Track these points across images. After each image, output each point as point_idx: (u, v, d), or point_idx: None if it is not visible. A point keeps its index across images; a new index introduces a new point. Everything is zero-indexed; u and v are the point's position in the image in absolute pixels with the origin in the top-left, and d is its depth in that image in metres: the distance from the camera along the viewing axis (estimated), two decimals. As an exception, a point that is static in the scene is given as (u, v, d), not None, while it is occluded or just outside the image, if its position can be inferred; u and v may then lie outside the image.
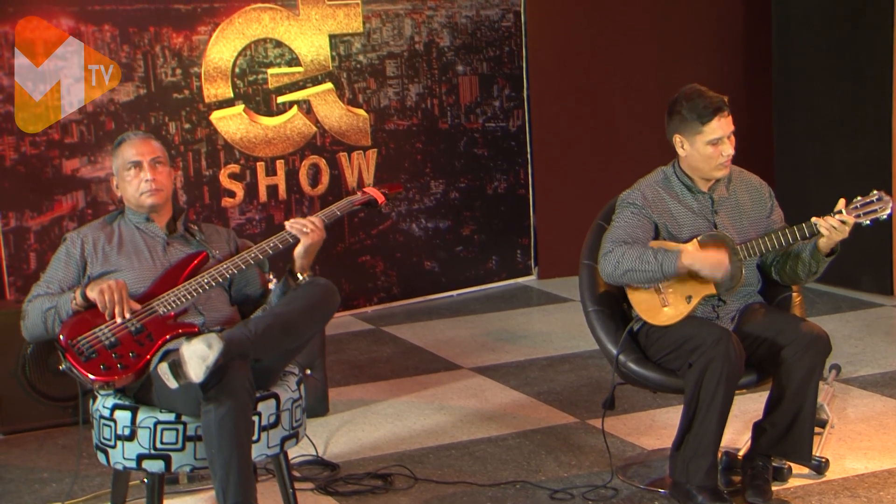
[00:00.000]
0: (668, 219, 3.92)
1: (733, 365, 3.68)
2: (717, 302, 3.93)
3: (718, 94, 3.88)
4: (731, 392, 3.72)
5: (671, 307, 3.86)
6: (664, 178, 3.99)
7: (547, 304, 7.01)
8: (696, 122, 3.84)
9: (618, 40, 7.55)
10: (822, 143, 6.88)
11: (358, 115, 6.80)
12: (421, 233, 7.09)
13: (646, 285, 3.86)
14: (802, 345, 3.74)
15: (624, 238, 3.87)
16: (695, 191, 3.96)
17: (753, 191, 4.03)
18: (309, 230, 3.70)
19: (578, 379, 5.39)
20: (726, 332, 3.75)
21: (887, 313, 6.37)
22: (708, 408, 3.70)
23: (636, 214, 3.91)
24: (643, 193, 3.94)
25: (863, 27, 6.62)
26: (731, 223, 3.93)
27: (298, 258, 3.73)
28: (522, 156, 7.40)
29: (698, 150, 3.87)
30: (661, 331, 3.89)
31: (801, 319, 3.91)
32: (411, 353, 6.03)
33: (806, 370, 3.75)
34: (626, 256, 3.82)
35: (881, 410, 4.77)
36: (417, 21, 6.93)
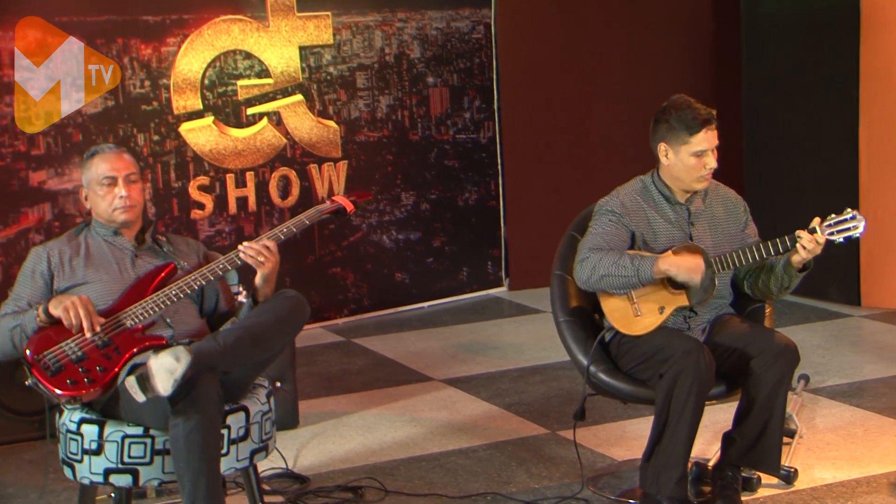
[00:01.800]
0: (646, 228, 3.93)
1: (703, 376, 3.69)
2: (688, 313, 3.94)
3: (707, 107, 3.90)
4: (702, 403, 3.73)
5: (644, 317, 3.87)
6: (643, 187, 4.00)
7: (518, 315, 7.01)
8: (684, 133, 3.86)
9: (588, 52, 7.58)
10: (790, 157, 6.92)
11: (328, 126, 6.79)
12: (392, 244, 7.09)
13: (621, 291, 3.86)
14: (771, 356, 3.76)
15: (601, 245, 3.87)
16: (672, 201, 3.97)
17: (729, 204, 4.06)
18: (263, 259, 3.67)
19: (549, 390, 5.39)
20: (697, 343, 3.76)
21: (855, 324, 6.40)
22: (678, 419, 3.71)
23: (614, 222, 3.91)
24: (622, 201, 3.95)
25: (830, 42, 6.67)
26: (706, 235, 3.95)
27: (259, 287, 3.71)
28: (493, 167, 7.41)
29: (682, 161, 3.89)
30: (632, 341, 3.89)
31: (770, 330, 3.93)
32: (382, 365, 6.01)
33: (775, 381, 3.77)
34: (603, 262, 3.82)
35: (849, 420, 4.79)
36: (388, 33, 6.93)
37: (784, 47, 6.96)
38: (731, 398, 3.98)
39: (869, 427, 4.70)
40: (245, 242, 3.69)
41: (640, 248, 3.92)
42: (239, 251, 3.67)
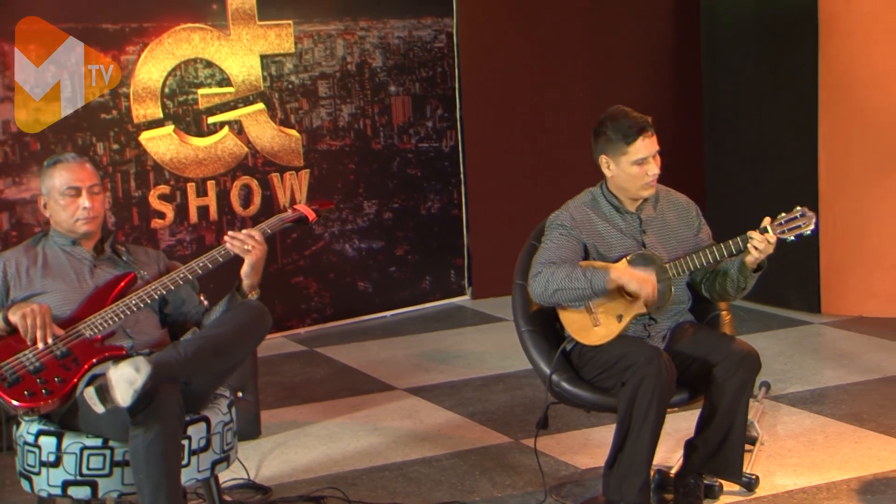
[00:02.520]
0: (597, 239, 3.94)
1: (665, 383, 3.70)
2: (648, 321, 3.95)
3: (643, 114, 3.91)
4: (663, 410, 3.74)
5: (602, 326, 3.87)
6: (592, 199, 4.02)
7: (481, 323, 7.01)
8: (622, 143, 3.87)
9: (550, 61, 7.60)
10: (750, 164, 6.97)
11: (290, 135, 6.77)
12: (354, 253, 7.07)
13: (576, 304, 3.87)
14: (733, 363, 3.78)
15: (553, 259, 3.88)
16: (622, 211, 3.98)
17: (681, 209, 4.07)
18: (251, 246, 3.67)
19: (513, 399, 5.39)
20: (657, 350, 3.77)
21: (815, 331, 6.45)
22: (640, 426, 3.71)
23: (565, 236, 3.93)
24: (571, 215, 3.97)
25: (789, 50, 6.72)
26: (659, 242, 3.96)
27: (246, 277, 3.70)
28: (456, 176, 7.41)
29: (624, 170, 3.90)
30: (593, 350, 3.90)
31: (731, 338, 3.94)
32: (345, 374, 5.99)
33: (736, 388, 3.78)
34: (556, 276, 3.83)
35: (809, 427, 4.82)
36: (349, 42, 6.92)
37: (744, 56, 7.01)
38: (693, 405, 3.99)
39: (829, 434, 4.73)
40: (230, 232, 3.69)
41: (594, 259, 3.93)
42: (225, 242, 3.66)
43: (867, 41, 6.38)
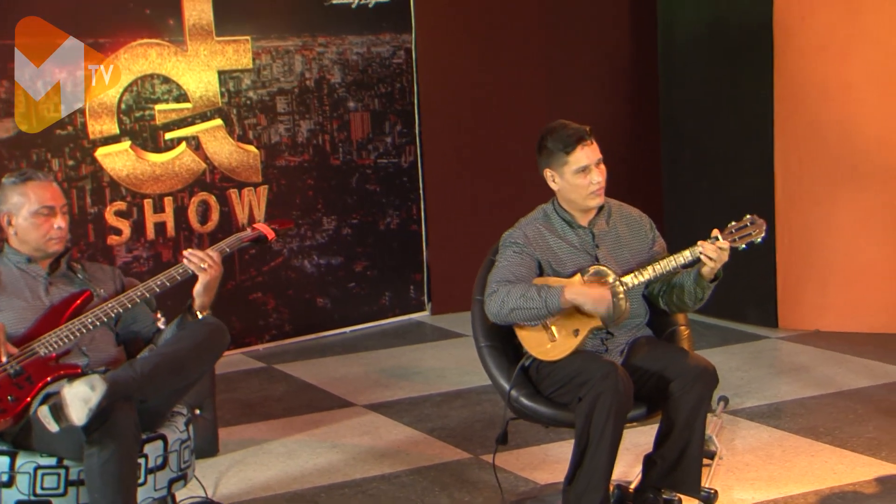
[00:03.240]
0: (551, 255, 3.95)
1: (622, 398, 3.70)
2: (605, 335, 3.96)
3: (582, 124, 3.94)
4: (621, 425, 3.74)
5: (559, 342, 3.88)
6: (544, 215, 4.04)
7: (440, 339, 7.00)
8: (561, 153, 3.90)
9: (508, 76, 7.63)
10: (708, 179, 7.02)
11: (248, 151, 6.74)
12: (313, 269, 7.04)
13: (532, 323, 3.87)
14: (690, 378, 3.78)
15: (508, 277, 3.89)
16: (575, 226, 4.00)
17: (634, 223, 4.08)
18: (207, 265, 3.65)
19: (472, 414, 5.38)
20: (614, 365, 3.77)
21: (772, 345, 6.49)
22: (598, 441, 3.71)
23: (518, 253, 3.94)
24: (524, 232, 3.98)
25: (744, 67, 6.78)
26: (612, 256, 3.97)
27: (198, 296, 3.67)
28: (415, 192, 7.41)
29: (568, 181, 3.92)
30: (551, 365, 3.90)
31: (688, 353, 3.94)
32: (304, 390, 5.96)
33: (693, 403, 3.78)
34: (511, 295, 3.83)
35: (767, 441, 4.85)
36: (308, 57, 6.91)
37: (700, 71, 7.07)
38: (651, 420, 4.00)
39: (787, 447, 4.76)
40: (190, 249, 3.67)
41: (548, 275, 3.94)
42: (184, 257, 3.64)
43: (822, 57, 6.45)
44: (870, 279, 6.50)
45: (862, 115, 6.36)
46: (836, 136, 6.48)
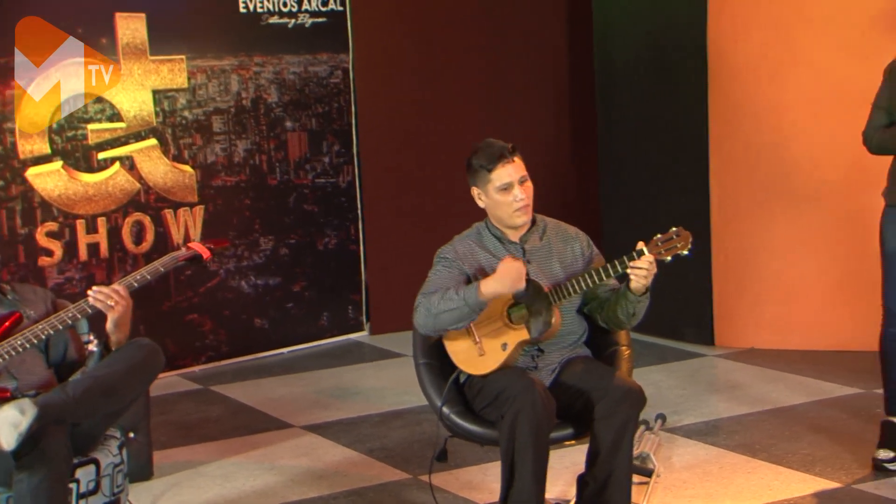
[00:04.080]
0: (479, 270, 3.96)
1: (540, 415, 3.67)
2: (536, 352, 3.95)
3: (506, 142, 3.95)
4: (543, 443, 3.71)
5: (487, 356, 3.88)
6: (477, 232, 4.05)
7: (379, 359, 6.98)
8: (484, 171, 3.92)
9: (447, 96, 7.64)
10: (645, 198, 7.06)
11: (184, 171, 6.68)
12: (250, 290, 6.99)
13: (459, 325, 3.86)
14: (615, 399, 3.74)
15: (433, 290, 3.91)
16: (505, 242, 4.00)
17: (569, 239, 4.07)
18: (113, 303, 3.57)
19: (411, 434, 5.36)
20: (532, 381, 3.75)
21: (709, 363, 6.54)
22: (522, 460, 3.69)
23: (447, 268, 3.96)
24: (455, 248, 4.01)
25: (679, 85, 6.84)
26: (542, 271, 3.96)
27: (112, 333, 3.61)
28: (353, 211, 7.39)
29: (493, 199, 3.94)
30: (480, 382, 3.90)
31: (615, 374, 3.89)
32: (241, 412, 5.90)
33: (619, 425, 3.74)
34: (433, 301, 3.85)
35: (704, 458, 4.88)
36: (244, 77, 6.87)
37: (637, 92, 7.12)
38: (584, 440, 3.97)
39: (724, 464, 4.79)
40: (95, 286, 3.60)
41: None
42: (88, 296, 3.57)
43: (754, 78, 6.53)
44: (803, 297, 6.58)
45: (794, 136, 6.45)
46: (770, 155, 6.56)
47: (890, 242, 4.53)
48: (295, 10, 7.05)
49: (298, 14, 7.06)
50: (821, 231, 6.50)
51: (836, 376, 5.95)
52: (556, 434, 3.81)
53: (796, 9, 6.40)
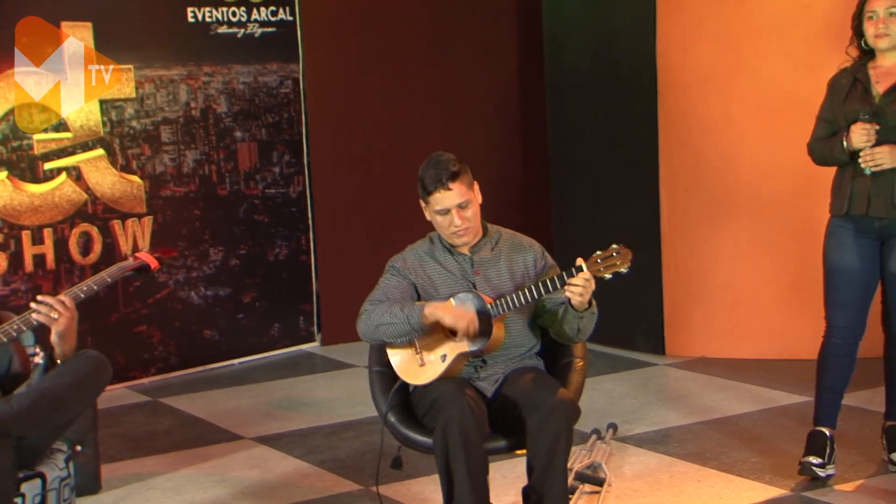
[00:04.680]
0: (426, 280, 3.97)
1: (468, 422, 3.66)
2: (479, 363, 3.94)
3: (456, 162, 3.90)
4: (476, 452, 3.69)
5: (427, 367, 3.88)
6: (429, 242, 4.06)
7: (331, 370, 6.94)
8: (424, 193, 3.93)
9: (398, 107, 7.63)
10: (596, 209, 7.09)
11: (132, 181, 6.62)
12: (200, 301, 6.93)
13: (399, 340, 3.87)
14: (546, 412, 3.72)
15: (380, 298, 3.92)
16: (455, 253, 4.01)
17: (522, 251, 4.07)
18: (57, 315, 3.52)
19: (363, 445, 5.34)
20: (460, 391, 3.75)
21: (660, 372, 6.58)
22: (457, 470, 3.67)
23: (395, 276, 3.97)
24: (405, 257, 4.02)
25: (630, 98, 6.88)
26: (491, 284, 3.96)
27: (57, 346, 3.56)
28: (304, 222, 7.36)
29: (433, 218, 3.97)
30: (421, 391, 3.90)
31: (549, 387, 3.84)
32: (190, 424, 5.85)
33: (551, 437, 3.72)
34: (377, 312, 3.86)
35: (655, 467, 4.90)
36: (193, 87, 6.82)
37: (587, 103, 7.15)
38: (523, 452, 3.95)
39: (674, 473, 4.81)
40: (39, 297, 3.55)
41: (424, 300, 3.94)
42: (31, 308, 3.52)
43: (703, 90, 6.58)
44: (752, 306, 6.63)
45: (743, 147, 6.50)
46: (719, 166, 6.61)
47: (831, 256, 4.58)
48: (244, 19, 7.01)
49: (248, 24, 7.03)
50: (770, 241, 6.56)
51: (785, 385, 6.00)
52: (492, 445, 3.79)
53: (744, 22, 6.47)
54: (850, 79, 4.52)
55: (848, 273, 4.53)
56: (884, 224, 4.46)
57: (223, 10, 6.93)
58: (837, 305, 4.58)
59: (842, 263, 4.53)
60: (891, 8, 4.41)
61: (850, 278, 4.53)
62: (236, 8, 6.98)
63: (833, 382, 4.63)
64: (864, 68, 4.52)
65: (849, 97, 4.49)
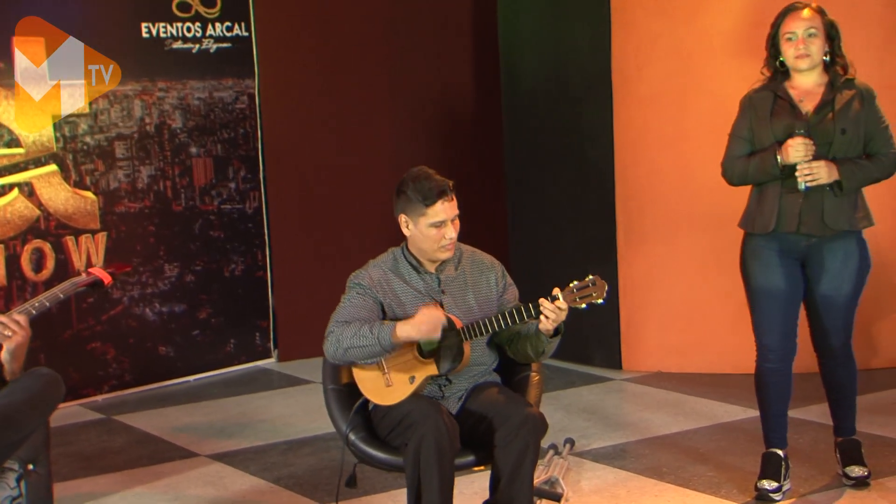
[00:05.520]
0: (393, 299, 3.95)
1: (443, 439, 3.67)
2: (443, 382, 3.95)
3: (445, 178, 3.94)
4: (448, 468, 3.71)
5: (394, 387, 3.87)
6: (393, 259, 4.03)
7: (287, 386, 6.91)
8: (421, 204, 3.90)
9: (353, 122, 7.63)
10: (552, 224, 7.12)
11: (85, 197, 6.56)
12: (155, 317, 6.88)
13: (368, 361, 3.86)
14: (514, 426, 3.75)
15: (347, 318, 3.89)
16: (421, 271, 4.00)
17: (485, 270, 4.09)
18: (10, 333, 3.48)
19: (320, 462, 5.31)
20: (436, 407, 3.76)
21: (617, 387, 6.60)
22: (429, 486, 3.68)
23: (361, 295, 3.93)
24: (369, 274, 3.98)
25: (585, 113, 6.92)
26: (457, 303, 3.97)
27: (6, 363, 3.51)
28: (260, 237, 7.32)
29: (422, 232, 3.93)
30: (385, 409, 3.89)
31: (517, 401, 3.89)
32: (145, 441, 5.80)
33: (519, 451, 3.75)
34: (345, 334, 3.83)
35: (612, 482, 4.90)
36: (147, 102, 6.78)
37: (543, 120, 7.18)
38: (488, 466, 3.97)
39: (631, 488, 4.82)
40: None
41: (391, 319, 3.93)
42: None
43: (658, 106, 6.63)
44: (707, 321, 6.67)
45: (697, 163, 6.54)
46: (674, 182, 6.65)
47: (756, 277, 4.55)
48: (199, 35, 6.98)
49: (203, 39, 7.00)
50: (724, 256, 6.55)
51: (740, 399, 6.03)
52: (460, 461, 3.81)
53: (698, 38, 6.52)
54: (772, 96, 4.50)
55: (775, 294, 4.50)
56: (811, 243, 4.45)
57: (178, 26, 6.90)
58: (769, 328, 4.55)
59: (768, 285, 4.51)
60: (810, 29, 4.41)
61: (778, 300, 4.50)
62: (191, 23, 6.95)
63: (776, 406, 4.62)
64: (782, 87, 4.50)
65: (776, 114, 4.46)
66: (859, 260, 4.49)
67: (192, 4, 6.94)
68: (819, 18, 4.44)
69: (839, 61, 4.47)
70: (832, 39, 4.45)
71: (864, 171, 4.41)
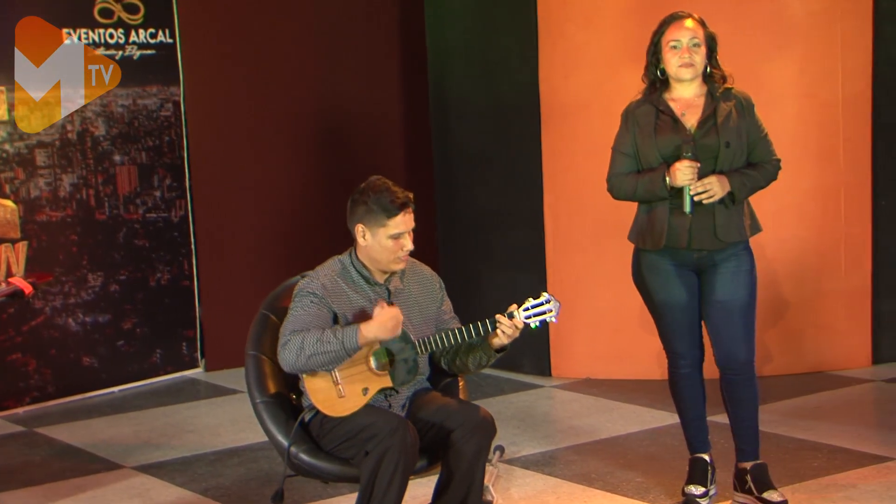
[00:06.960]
0: (347, 309, 3.95)
1: (409, 452, 3.72)
2: (390, 391, 3.96)
3: (405, 190, 3.98)
4: (406, 479, 3.76)
5: (347, 398, 3.87)
6: (342, 268, 4.02)
7: (215, 396, 6.83)
8: (382, 216, 3.91)
9: (279, 130, 7.57)
10: (482, 232, 7.12)
11: (5, 206, 6.43)
12: (78, 327, 6.76)
13: (331, 367, 3.83)
14: (469, 428, 3.82)
15: (301, 327, 3.86)
16: (371, 282, 4.00)
17: (425, 282, 4.13)
18: None
19: (248, 472, 5.26)
20: (402, 420, 3.80)
21: (546, 394, 6.61)
22: (384, 496, 3.71)
23: (315, 303, 3.91)
24: (323, 283, 3.95)
25: (514, 122, 6.93)
26: (406, 315, 3.97)
27: None
28: (186, 246, 7.24)
29: (379, 242, 3.93)
30: (334, 420, 3.88)
31: (468, 404, 3.99)
32: (68, 454, 5.69)
33: (473, 453, 3.82)
34: (307, 342, 3.80)
35: (542, 489, 4.91)
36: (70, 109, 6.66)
37: (471, 128, 7.19)
38: (433, 471, 4.00)
39: (560, 494, 4.84)
40: None
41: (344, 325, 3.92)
42: None
43: (585, 115, 6.66)
44: (635, 327, 6.70)
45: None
46: (602, 190, 6.60)
47: (658, 293, 4.57)
48: (122, 41, 6.88)
49: (126, 46, 6.90)
50: (651, 263, 6.65)
51: (668, 405, 6.00)
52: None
53: (625, 47, 6.56)
54: (654, 111, 4.48)
55: (681, 305, 4.53)
56: (702, 255, 4.48)
57: (100, 32, 6.79)
58: (678, 335, 4.56)
59: (671, 298, 4.53)
60: (694, 39, 4.42)
61: (683, 309, 4.53)
62: (114, 30, 6.84)
63: (694, 410, 4.64)
64: (663, 101, 4.49)
65: (660, 130, 4.45)
66: (750, 265, 4.53)
67: (114, 10, 6.84)
68: (701, 30, 4.46)
69: (716, 73, 4.50)
70: (711, 51, 4.48)
71: (751, 181, 4.46)
